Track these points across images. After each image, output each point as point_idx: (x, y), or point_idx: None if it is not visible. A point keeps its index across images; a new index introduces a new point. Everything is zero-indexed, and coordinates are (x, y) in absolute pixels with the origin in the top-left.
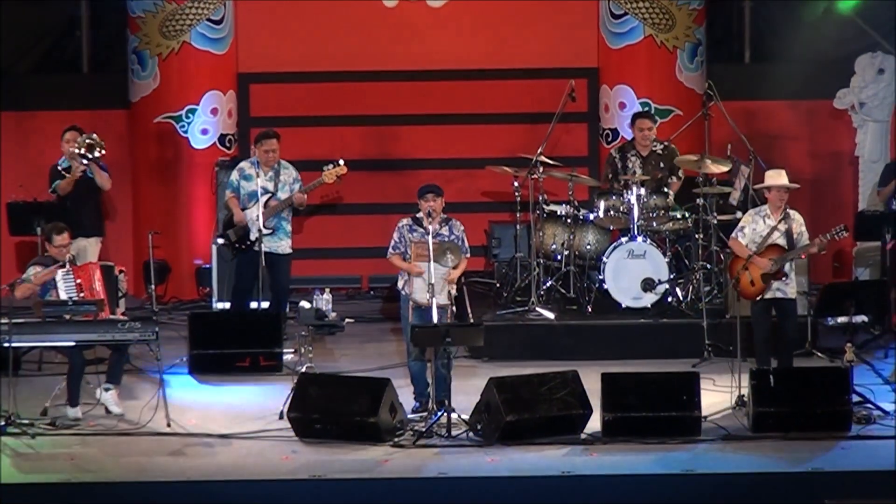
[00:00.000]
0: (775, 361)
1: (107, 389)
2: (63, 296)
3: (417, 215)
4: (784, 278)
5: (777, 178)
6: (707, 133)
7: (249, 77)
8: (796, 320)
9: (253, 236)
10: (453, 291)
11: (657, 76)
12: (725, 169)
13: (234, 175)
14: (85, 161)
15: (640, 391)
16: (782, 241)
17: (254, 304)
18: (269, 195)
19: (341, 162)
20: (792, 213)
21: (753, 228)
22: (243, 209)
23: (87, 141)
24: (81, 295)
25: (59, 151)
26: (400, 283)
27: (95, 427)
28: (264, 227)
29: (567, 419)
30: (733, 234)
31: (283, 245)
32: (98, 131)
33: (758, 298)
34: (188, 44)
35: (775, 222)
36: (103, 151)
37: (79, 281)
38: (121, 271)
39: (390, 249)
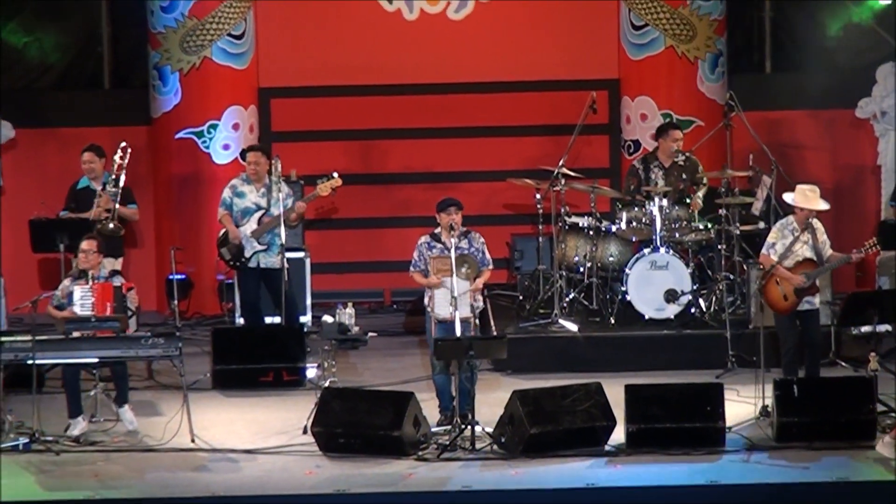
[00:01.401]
0: (802, 371)
1: (119, 407)
2: (79, 312)
3: (436, 231)
4: (817, 293)
5: (811, 199)
6: (729, 143)
7: (270, 92)
8: (820, 328)
9: (247, 253)
10: (479, 303)
11: (678, 87)
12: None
13: (227, 192)
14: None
15: (664, 402)
16: (811, 254)
17: (276, 319)
18: (263, 211)
19: (335, 175)
20: (814, 221)
21: (784, 244)
22: (237, 226)
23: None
24: (94, 313)
25: (79, 168)
26: (426, 300)
27: (119, 443)
28: (258, 243)
29: (591, 431)
30: (764, 251)
31: (279, 260)
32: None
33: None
34: (209, 59)
35: (802, 236)
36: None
37: (93, 299)
38: (129, 288)
39: (411, 267)
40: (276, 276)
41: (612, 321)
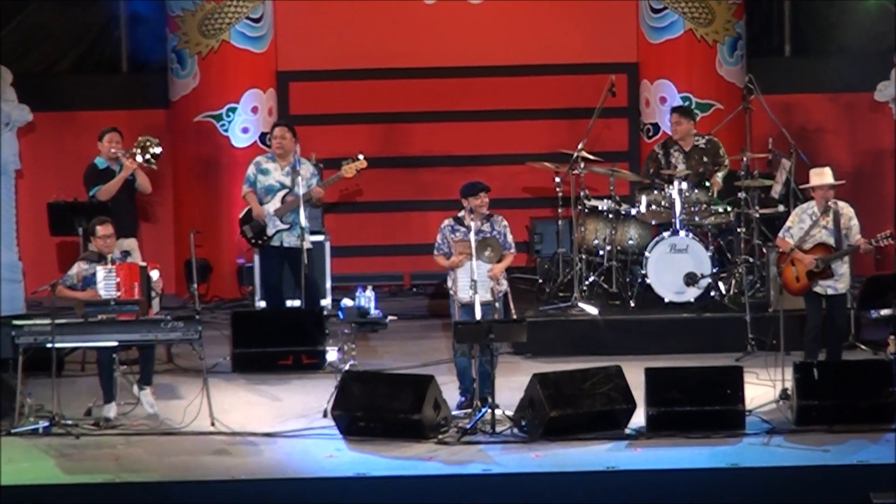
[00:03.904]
0: (823, 353)
1: (142, 389)
2: (102, 293)
3: (459, 214)
4: (831, 278)
5: (820, 177)
6: (748, 127)
7: (289, 75)
8: (846, 313)
9: (270, 231)
10: (501, 287)
11: (697, 70)
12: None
13: (251, 169)
14: (142, 160)
15: (684, 386)
16: (829, 240)
17: (297, 303)
18: (287, 190)
19: (360, 156)
20: (841, 205)
21: (801, 228)
22: (261, 204)
23: (144, 143)
24: (119, 294)
25: (97, 151)
26: (448, 283)
27: (139, 427)
28: (281, 222)
29: (611, 414)
30: (781, 234)
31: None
32: (137, 131)
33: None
34: (228, 42)
35: (822, 220)
36: (159, 149)
37: (118, 280)
38: (154, 269)
39: (435, 250)
40: (299, 256)
41: (632, 304)
